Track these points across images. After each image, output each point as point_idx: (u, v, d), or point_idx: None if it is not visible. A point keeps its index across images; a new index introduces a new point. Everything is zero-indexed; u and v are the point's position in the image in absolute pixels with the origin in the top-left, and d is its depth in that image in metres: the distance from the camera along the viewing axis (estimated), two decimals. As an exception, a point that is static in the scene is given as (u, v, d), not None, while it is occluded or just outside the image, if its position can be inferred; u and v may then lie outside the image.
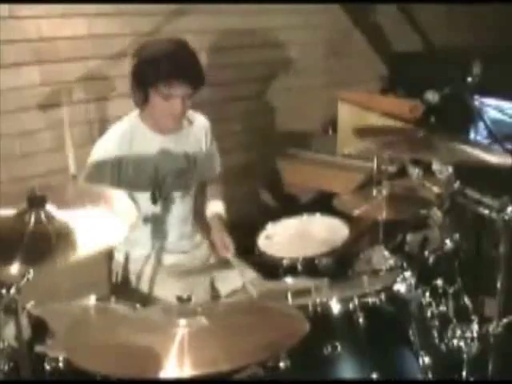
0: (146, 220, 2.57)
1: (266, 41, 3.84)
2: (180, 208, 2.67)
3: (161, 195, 2.58)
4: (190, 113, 2.67)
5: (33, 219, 1.70)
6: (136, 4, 3.15)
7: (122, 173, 2.50)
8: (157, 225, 2.60)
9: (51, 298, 2.22)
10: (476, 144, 2.96)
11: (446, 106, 2.98)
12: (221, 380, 1.59)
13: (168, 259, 2.66)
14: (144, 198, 2.53)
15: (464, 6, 4.43)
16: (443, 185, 2.21)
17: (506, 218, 2.00)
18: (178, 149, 2.64)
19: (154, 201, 2.57)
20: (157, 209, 2.59)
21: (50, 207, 1.73)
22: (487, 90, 3.54)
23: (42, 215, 1.71)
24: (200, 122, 2.75)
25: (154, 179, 2.56)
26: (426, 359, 2.06)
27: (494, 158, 2.24)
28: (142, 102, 2.49)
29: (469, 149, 2.31)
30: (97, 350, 1.59)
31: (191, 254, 2.74)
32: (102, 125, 3.12)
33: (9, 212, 1.73)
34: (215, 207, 2.86)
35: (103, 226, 1.74)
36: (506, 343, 2.13)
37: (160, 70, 2.41)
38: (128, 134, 2.54)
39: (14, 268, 1.58)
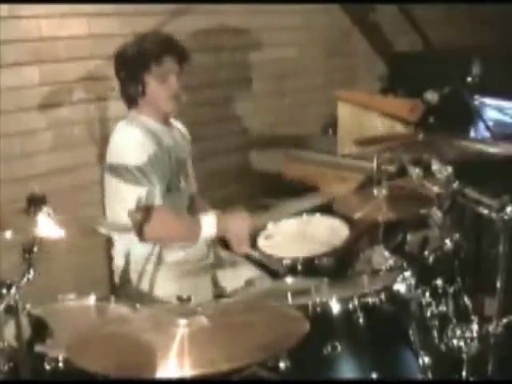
0: None
1: (266, 41, 3.84)
2: (184, 197, 2.71)
3: (176, 183, 2.64)
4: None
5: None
6: (136, 4, 3.15)
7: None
8: None
9: (51, 298, 2.22)
10: (477, 139, 2.96)
11: (446, 106, 2.99)
12: (221, 380, 1.59)
13: (169, 256, 2.66)
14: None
15: (464, 6, 4.44)
16: (443, 185, 2.21)
17: (506, 217, 2.00)
18: (177, 140, 2.72)
19: (169, 189, 2.60)
20: (162, 201, 2.59)
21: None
22: (487, 89, 3.54)
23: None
24: (179, 125, 2.82)
25: (170, 167, 2.61)
26: (426, 359, 2.06)
27: (495, 150, 2.24)
28: (140, 93, 2.56)
29: (470, 143, 2.31)
30: (97, 350, 1.59)
31: (191, 248, 2.72)
32: (102, 125, 3.12)
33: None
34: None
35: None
36: (506, 343, 2.13)
37: (148, 50, 2.54)
38: (141, 126, 2.56)
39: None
